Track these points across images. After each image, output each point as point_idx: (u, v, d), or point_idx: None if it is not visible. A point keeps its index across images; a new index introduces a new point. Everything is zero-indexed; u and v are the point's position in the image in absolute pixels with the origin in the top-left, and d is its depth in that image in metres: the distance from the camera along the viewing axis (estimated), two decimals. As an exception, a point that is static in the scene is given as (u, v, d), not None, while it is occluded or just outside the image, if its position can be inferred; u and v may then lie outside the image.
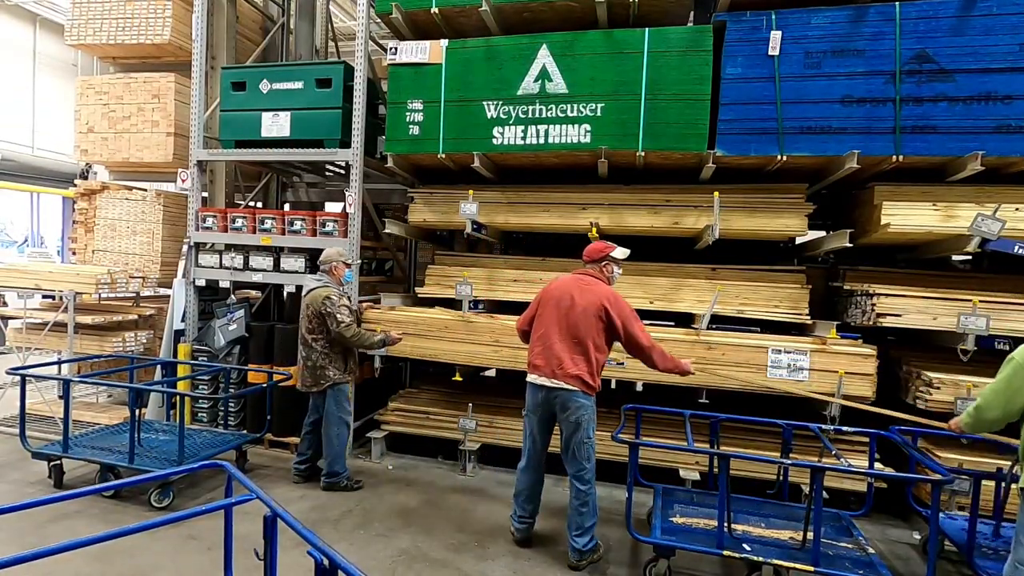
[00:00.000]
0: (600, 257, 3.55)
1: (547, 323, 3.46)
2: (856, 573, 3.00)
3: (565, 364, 3.35)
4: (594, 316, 3.37)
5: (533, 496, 3.66)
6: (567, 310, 3.41)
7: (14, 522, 3.54)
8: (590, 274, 3.54)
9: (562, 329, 3.40)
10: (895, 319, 4.07)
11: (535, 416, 3.55)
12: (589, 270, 3.56)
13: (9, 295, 6.29)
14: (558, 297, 3.47)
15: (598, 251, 3.56)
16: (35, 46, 12.72)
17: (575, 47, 4.49)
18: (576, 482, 3.44)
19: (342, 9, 10.45)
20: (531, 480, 3.65)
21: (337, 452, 4.36)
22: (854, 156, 4.00)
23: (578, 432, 3.39)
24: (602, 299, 3.38)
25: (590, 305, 3.38)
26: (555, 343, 3.40)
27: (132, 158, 6.09)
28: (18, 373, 4.34)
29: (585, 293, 3.42)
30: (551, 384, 3.38)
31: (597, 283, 3.48)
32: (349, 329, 4.23)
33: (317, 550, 1.82)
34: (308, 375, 4.34)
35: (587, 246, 3.64)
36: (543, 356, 3.43)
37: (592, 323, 3.37)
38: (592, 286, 3.45)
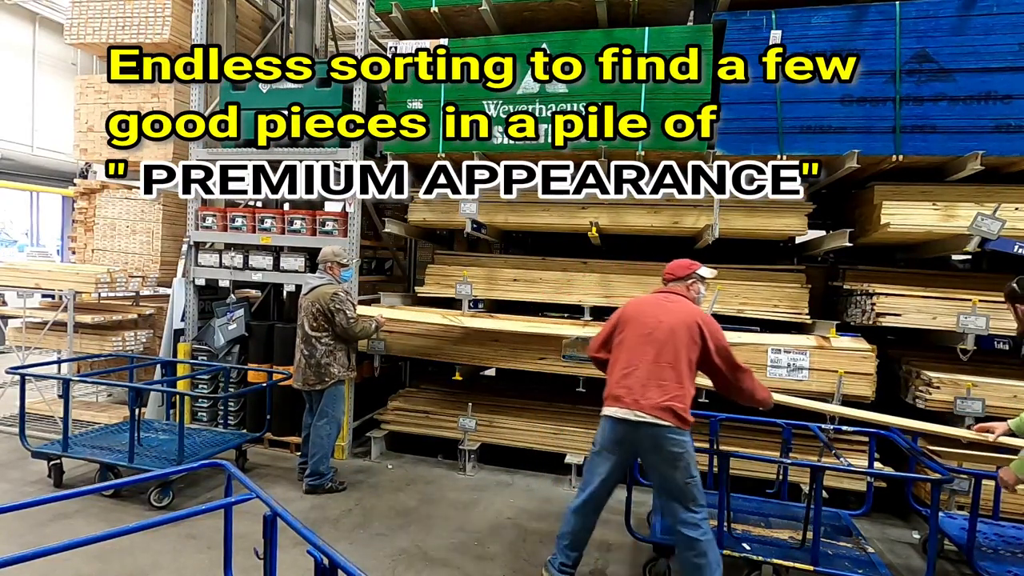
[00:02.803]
0: (686, 275, 3.19)
1: (630, 347, 3.01)
2: (856, 572, 3.00)
3: (652, 394, 2.85)
4: (686, 336, 2.92)
5: (580, 543, 3.14)
6: (652, 330, 2.96)
7: (14, 521, 3.54)
8: (675, 292, 3.16)
9: (648, 353, 2.93)
10: (895, 318, 4.07)
11: (612, 455, 3.01)
12: (673, 288, 3.18)
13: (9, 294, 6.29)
14: (641, 318, 3.04)
15: (684, 268, 3.21)
16: (35, 45, 12.70)
17: (575, 46, 4.49)
18: (685, 529, 2.85)
19: (342, 8, 10.44)
20: (583, 525, 3.14)
21: (325, 451, 4.34)
22: (854, 156, 4.01)
23: (677, 472, 2.85)
24: (695, 316, 2.98)
25: (680, 324, 2.94)
26: (639, 369, 2.92)
27: (132, 157, 6.08)
28: (18, 372, 4.34)
29: (673, 312, 3.00)
30: (636, 418, 2.85)
31: (684, 301, 3.10)
32: (358, 323, 4.29)
33: (317, 549, 1.82)
34: (312, 373, 4.31)
35: (670, 263, 3.29)
36: (625, 385, 2.93)
37: (684, 344, 2.91)
38: (680, 304, 3.06)
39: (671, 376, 2.87)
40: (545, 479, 4.80)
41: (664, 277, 3.28)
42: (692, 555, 2.83)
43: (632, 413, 2.86)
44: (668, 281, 3.24)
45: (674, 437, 2.81)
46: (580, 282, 4.93)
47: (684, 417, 2.84)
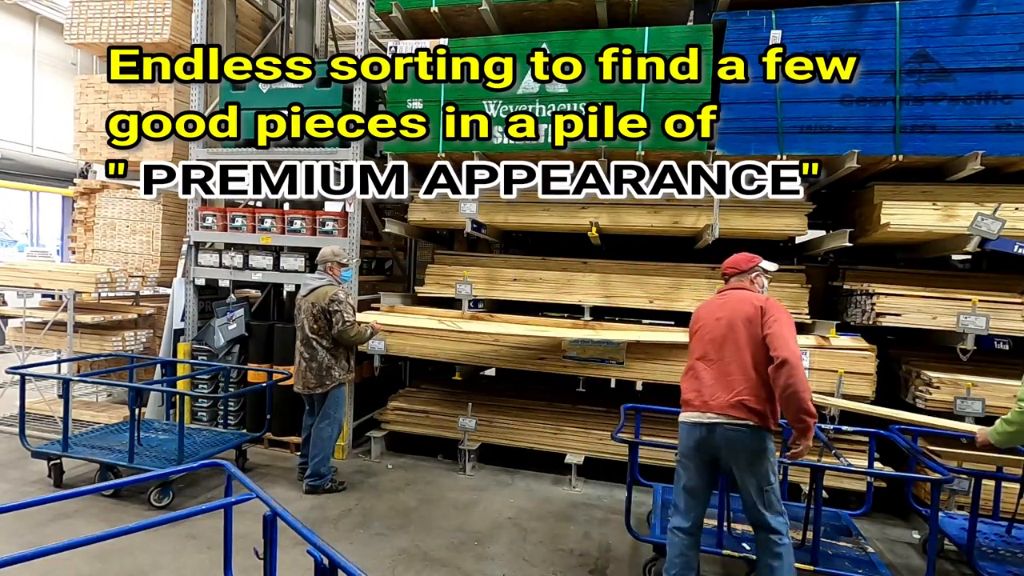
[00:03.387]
0: (750, 267, 3.01)
1: (695, 351, 2.93)
2: (856, 572, 3.00)
3: (720, 393, 2.74)
4: (745, 327, 2.75)
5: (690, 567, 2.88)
6: (711, 330, 2.86)
7: (14, 521, 3.54)
8: (739, 286, 3.00)
9: (711, 353, 2.83)
10: (895, 318, 4.07)
11: (690, 462, 2.87)
12: (734, 283, 3.03)
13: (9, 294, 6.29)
14: (703, 320, 2.96)
15: (747, 261, 3.02)
16: (35, 45, 12.70)
17: (575, 46, 4.49)
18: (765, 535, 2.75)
19: (342, 8, 10.44)
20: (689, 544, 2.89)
21: (325, 453, 4.33)
22: (854, 156, 4.01)
23: (753, 476, 2.72)
24: (757, 303, 2.80)
25: (738, 315, 2.79)
26: (706, 371, 2.83)
27: (132, 157, 6.08)
28: (18, 372, 4.34)
29: (730, 306, 2.86)
30: (706, 420, 2.75)
31: (743, 292, 2.94)
32: (354, 328, 4.25)
33: (317, 549, 1.82)
34: (312, 376, 4.29)
35: (729, 258, 3.10)
36: (694, 389, 2.85)
37: (744, 336, 2.75)
38: (738, 295, 2.92)
39: (736, 371, 2.73)
40: (545, 479, 4.80)
41: (725, 272, 3.09)
42: (769, 558, 2.73)
43: (703, 415, 2.76)
44: (730, 276, 3.06)
45: (749, 436, 2.67)
46: (580, 282, 4.93)
47: (759, 411, 2.67)
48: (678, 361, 4.38)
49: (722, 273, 3.12)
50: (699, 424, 2.78)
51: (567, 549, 3.68)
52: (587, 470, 4.78)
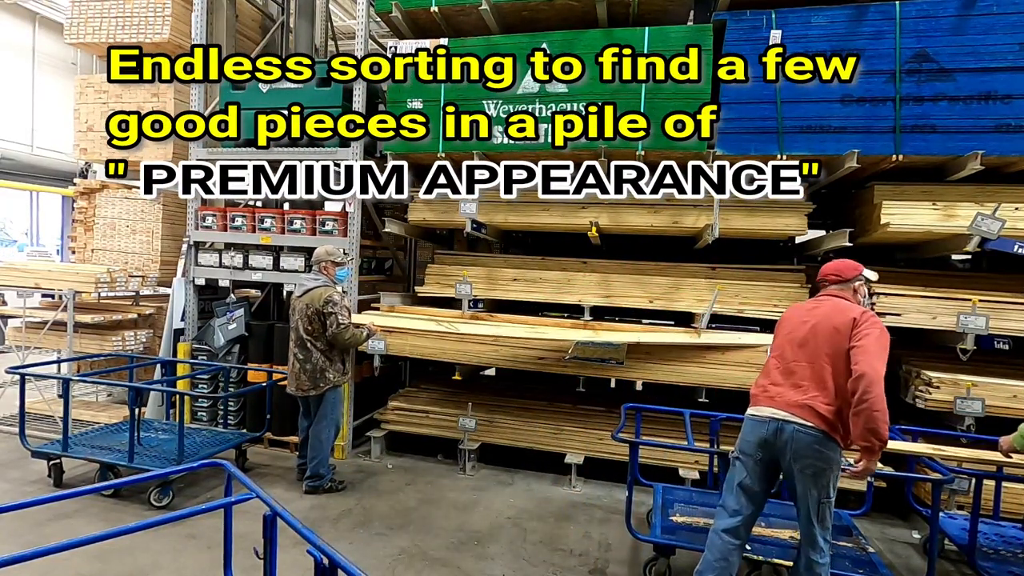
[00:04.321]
0: (853, 276, 2.84)
1: (774, 349, 2.87)
2: (856, 572, 3.00)
3: (789, 393, 2.66)
4: (831, 334, 2.63)
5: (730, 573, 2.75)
6: (794, 331, 2.77)
7: (13, 521, 3.54)
8: (838, 295, 2.83)
9: (789, 351, 2.75)
10: (895, 318, 4.07)
11: (749, 459, 2.75)
12: (835, 291, 2.86)
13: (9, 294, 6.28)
14: (789, 322, 2.86)
15: (851, 268, 2.86)
16: (34, 44, 12.70)
17: (575, 46, 4.49)
18: (809, 550, 2.66)
19: (342, 8, 10.44)
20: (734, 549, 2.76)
21: (323, 455, 4.32)
22: (854, 155, 4.01)
23: (816, 488, 2.61)
24: (851, 313, 2.65)
25: (826, 321, 2.67)
26: (776, 368, 2.77)
27: (131, 157, 6.08)
28: (18, 372, 4.34)
29: (821, 312, 2.74)
30: (777, 416, 2.65)
31: (838, 301, 2.78)
32: (348, 331, 4.22)
33: (317, 549, 1.82)
34: (306, 378, 4.26)
35: (830, 263, 2.95)
36: (762, 385, 2.80)
37: (826, 342, 2.64)
38: (832, 303, 2.77)
39: (810, 376, 2.63)
40: (545, 479, 4.80)
41: (827, 279, 2.90)
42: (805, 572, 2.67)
43: (770, 411, 2.67)
44: (831, 283, 2.88)
45: (819, 442, 2.56)
46: (580, 282, 4.93)
47: (829, 420, 2.56)
48: (678, 361, 4.38)
49: (821, 278, 2.93)
50: (768, 420, 2.66)
51: (567, 549, 3.68)
52: (587, 470, 4.78)
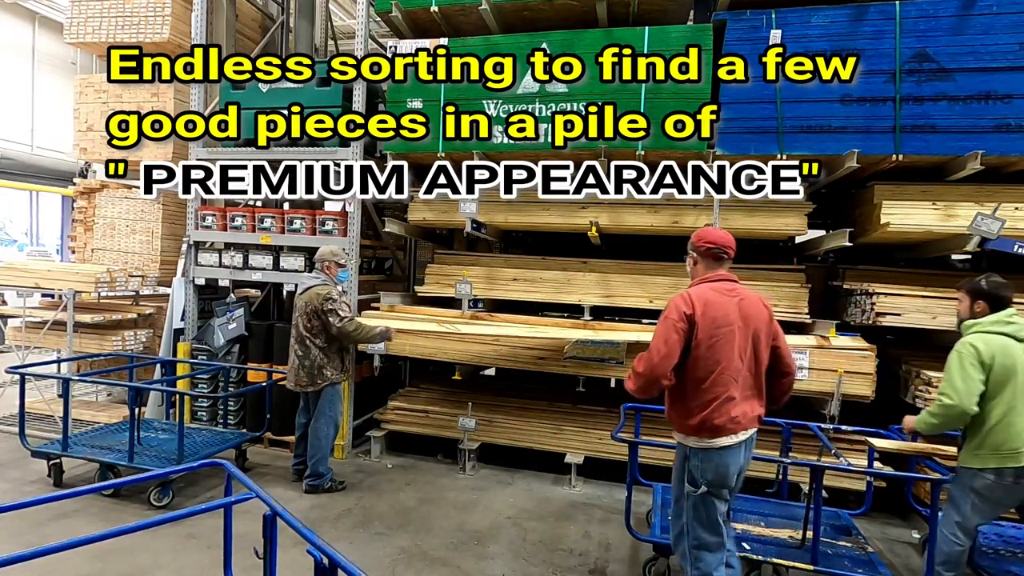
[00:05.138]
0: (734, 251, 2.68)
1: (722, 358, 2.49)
2: (855, 572, 3.00)
3: (748, 410, 2.55)
4: (764, 331, 2.56)
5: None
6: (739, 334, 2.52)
7: (13, 521, 3.54)
8: (731, 279, 2.63)
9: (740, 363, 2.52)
10: (895, 318, 4.07)
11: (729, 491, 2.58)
12: (727, 272, 2.64)
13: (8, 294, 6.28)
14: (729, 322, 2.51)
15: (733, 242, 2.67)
16: (34, 44, 12.69)
17: (575, 46, 4.49)
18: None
19: (342, 8, 10.44)
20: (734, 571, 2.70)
21: (323, 453, 4.33)
22: (853, 155, 4.01)
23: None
24: (766, 306, 2.61)
25: (756, 320, 2.54)
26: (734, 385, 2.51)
27: (131, 157, 6.08)
28: (17, 372, 4.34)
29: (749, 307, 2.56)
30: (746, 438, 2.55)
31: (751, 292, 2.64)
32: (352, 323, 4.23)
33: (316, 549, 1.82)
34: (304, 375, 4.29)
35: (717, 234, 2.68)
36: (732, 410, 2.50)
37: (763, 341, 2.56)
38: (748, 293, 2.61)
39: (756, 384, 2.59)
40: (545, 479, 4.80)
41: (725, 250, 2.62)
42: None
43: (742, 435, 2.53)
44: (720, 258, 2.63)
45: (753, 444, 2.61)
46: (580, 282, 4.93)
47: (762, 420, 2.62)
48: (678, 361, 4.37)
49: (719, 250, 2.62)
50: (742, 445, 2.54)
51: (567, 549, 3.68)
52: (587, 470, 4.78)
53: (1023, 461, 2.66)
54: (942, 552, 2.83)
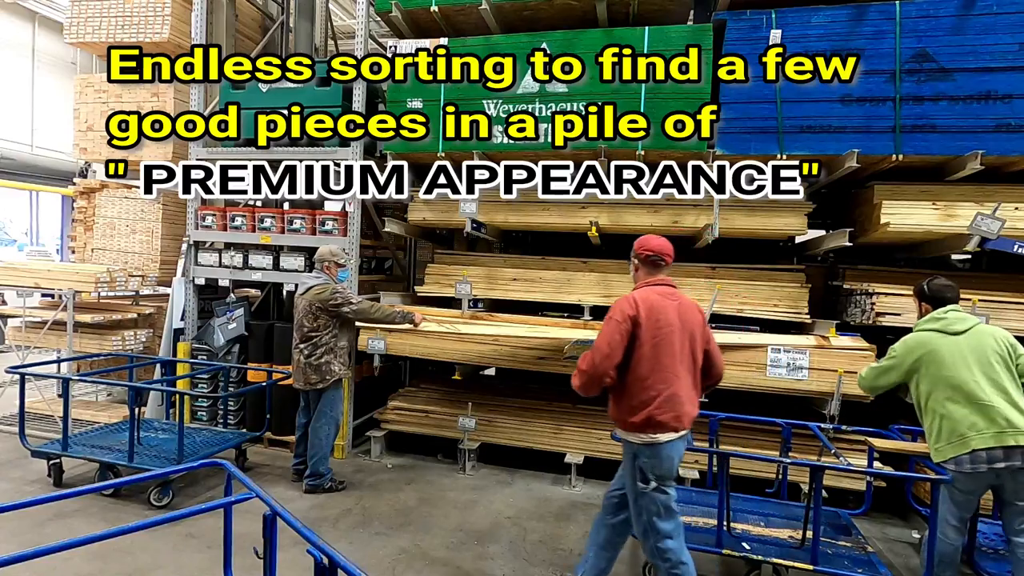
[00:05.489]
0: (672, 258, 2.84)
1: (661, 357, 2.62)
2: (855, 572, 3.00)
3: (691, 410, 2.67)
4: (699, 334, 2.72)
5: None
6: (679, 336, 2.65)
7: (13, 521, 3.54)
8: (670, 284, 2.78)
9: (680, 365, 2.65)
10: (895, 318, 4.07)
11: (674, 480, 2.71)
12: (666, 278, 2.79)
13: (8, 293, 6.28)
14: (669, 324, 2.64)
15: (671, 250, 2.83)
16: (34, 44, 12.69)
17: (575, 46, 4.49)
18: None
19: (342, 8, 10.44)
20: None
21: (323, 452, 4.33)
22: (853, 155, 4.01)
23: None
24: (700, 311, 2.77)
25: (692, 324, 2.70)
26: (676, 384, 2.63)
27: (131, 156, 6.08)
28: (17, 372, 4.34)
29: (685, 310, 2.71)
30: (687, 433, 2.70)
31: (682, 294, 2.78)
32: (366, 302, 4.30)
33: (316, 549, 1.82)
34: (312, 372, 4.28)
35: (657, 241, 2.82)
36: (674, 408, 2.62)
37: (699, 343, 2.72)
38: (685, 299, 2.76)
39: (693, 385, 2.71)
40: (545, 479, 4.80)
41: (663, 257, 2.79)
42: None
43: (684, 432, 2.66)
44: (660, 265, 2.80)
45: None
46: (580, 282, 4.93)
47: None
48: (678, 361, 4.37)
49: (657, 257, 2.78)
50: (683, 438, 2.68)
51: (567, 549, 3.68)
52: (587, 469, 4.78)
53: (971, 446, 2.75)
54: (936, 552, 2.89)
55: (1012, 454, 2.71)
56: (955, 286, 3.08)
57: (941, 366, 2.87)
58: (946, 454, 2.83)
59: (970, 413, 2.77)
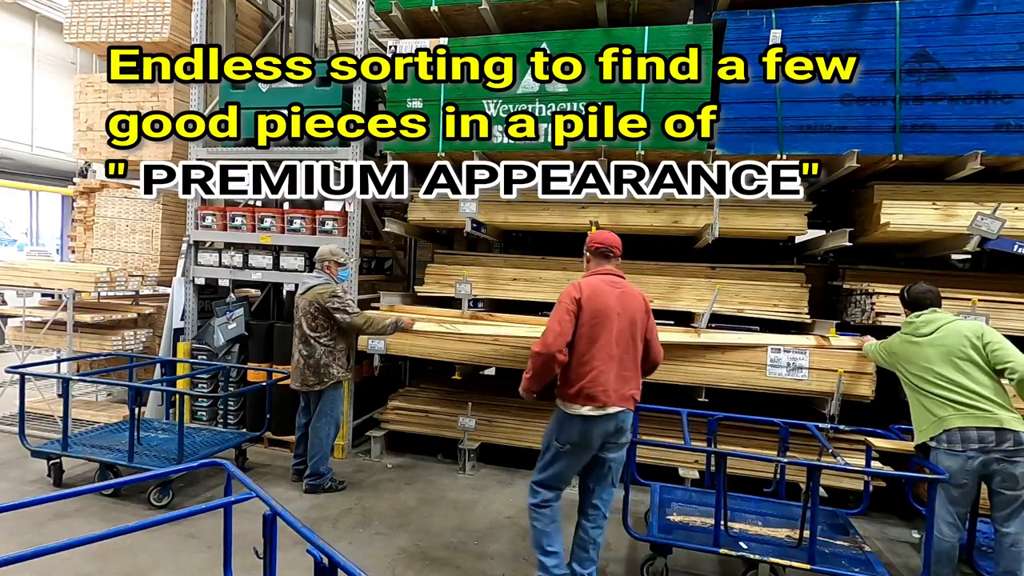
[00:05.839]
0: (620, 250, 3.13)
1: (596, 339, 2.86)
2: (852, 571, 3.00)
3: (619, 387, 2.88)
4: (641, 320, 2.97)
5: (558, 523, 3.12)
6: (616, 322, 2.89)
7: (14, 520, 3.55)
8: (616, 273, 3.06)
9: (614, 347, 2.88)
10: (895, 318, 4.07)
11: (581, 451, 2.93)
12: (612, 267, 3.08)
13: (8, 293, 6.28)
14: (607, 310, 2.89)
15: (619, 243, 3.13)
16: (34, 44, 12.69)
17: (575, 45, 4.49)
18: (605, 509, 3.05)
19: (342, 7, 10.44)
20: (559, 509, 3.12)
21: (324, 453, 4.32)
22: (853, 155, 4.01)
23: (622, 453, 3.03)
24: (644, 300, 3.03)
25: (634, 311, 2.95)
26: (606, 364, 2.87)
27: (131, 156, 6.09)
28: (17, 371, 4.34)
29: (627, 298, 2.96)
30: (616, 412, 2.88)
31: (628, 283, 3.06)
32: (361, 316, 4.24)
33: (316, 548, 1.82)
34: (311, 373, 4.28)
35: (606, 236, 3.12)
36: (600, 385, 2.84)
37: (639, 329, 2.97)
38: (629, 287, 3.03)
39: (631, 367, 2.95)
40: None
41: (603, 249, 3.08)
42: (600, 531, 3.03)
43: (612, 409, 2.86)
44: (607, 256, 3.08)
45: (630, 420, 2.98)
46: (580, 281, 4.93)
47: (638, 400, 3.01)
48: (678, 360, 4.38)
49: (606, 249, 3.07)
50: (611, 417, 2.87)
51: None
52: (587, 469, 4.77)
53: (945, 425, 2.97)
54: (934, 550, 2.97)
55: (986, 435, 2.88)
56: (935, 291, 3.29)
57: (912, 367, 3.19)
58: (927, 435, 3.06)
59: (944, 401, 3.01)
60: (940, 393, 3.02)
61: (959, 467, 2.92)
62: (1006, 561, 2.94)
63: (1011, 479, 2.87)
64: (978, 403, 2.92)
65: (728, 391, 4.37)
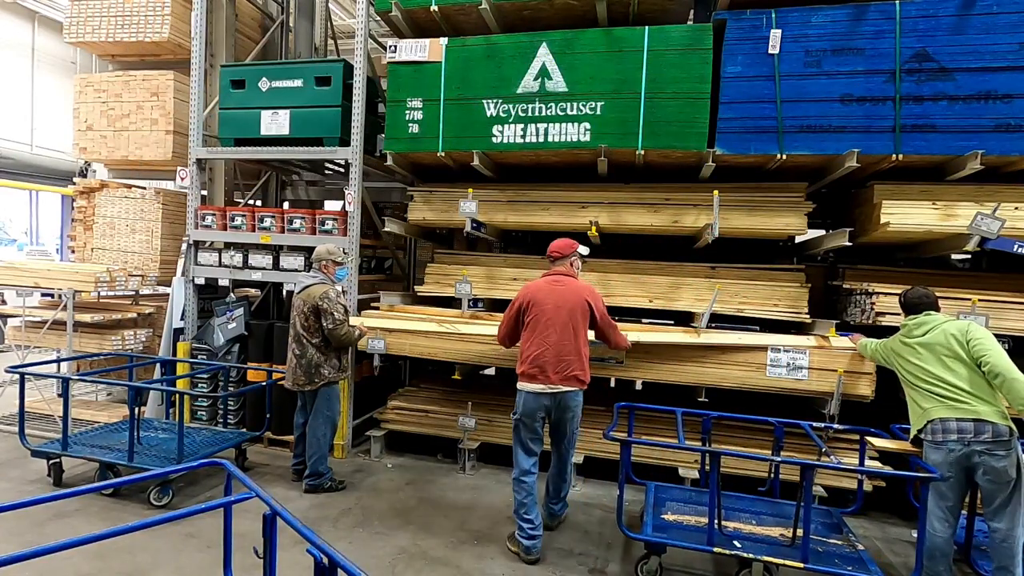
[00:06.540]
0: (570, 252, 3.75)
1: (536, 328, 3.57)
2: (845, 569, 3.01)
3: (558, 369, 3.52)
4: (581, 312, 3.59)
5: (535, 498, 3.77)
6: (553, 314, 3.55)
7: (13, 520, 3.55)
8: (563, 272, 3.71)
9: (552, 334, 3.52)
10: (895, 318, 4.07)
11: (533, 423, 3.62)
12: (560, 268, 3.73)
13: (8, 293, 6.28)
14: (543, 304, 3.58)
15: (568, 247, 3.75)
16: (34, 43, 12.69)
17: (575, 45, 4.49)
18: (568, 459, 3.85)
19: (342, 7, 10.44)
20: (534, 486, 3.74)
21: (322, 452, 4.32)
22: (853, 155, 4.01)
23: (577, 424, 3.73)
24: (584, 294, 3.63)
25: (573, 304, 3.58)
26: (546, 350, 3.53)
27: (131, 156, 6.09)
28: (17, 371, 4.34)
29: (567, 293, 3.60)
30: (554, 390, 3.53)
31: (572, 280, 3.69)
32: (341, 328, 4.21)
33: (316, 548, 1.82)
34: (302, 373, 4.27)
35: (555, 243, 3.76)
36: (538, 366, 3.54)
37: (579, 320, 3.58)
38: (570, 283, 3.66)
39: (571, 353, 3.52)
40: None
41: (551, 255, 3.75)
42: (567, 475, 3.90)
43: (550, 387, 3.51)
44: (555, 259, 3.74)
45: (579, 399, 3.61)
46: (580, 281, 4.93)
47: (584, 381, 3.59)
48: (678, 360, 4.38)
49: (552, 254, 3.75)
50: (545, 394, 3.52)
51: (567, 548, 3.68)
52: (587, 469, 4.78)
53: (929, 416, 3.12)
54: (926, 547, 3.04)
55: (965, 426, 2.98)
56: (931, 295, 3.39)
57: (906, 365, 3.32)
58: (916, 427, 3.22)
59: (929, 394, 3.16)
60: (927, 387, 3.18)
61: (942, 459, 3.03)
62: (999, 557, 2.99)
63: (993, 472, 2.94)
64: (958, 396, 3.05)
65: (728, 391, 4.37)
